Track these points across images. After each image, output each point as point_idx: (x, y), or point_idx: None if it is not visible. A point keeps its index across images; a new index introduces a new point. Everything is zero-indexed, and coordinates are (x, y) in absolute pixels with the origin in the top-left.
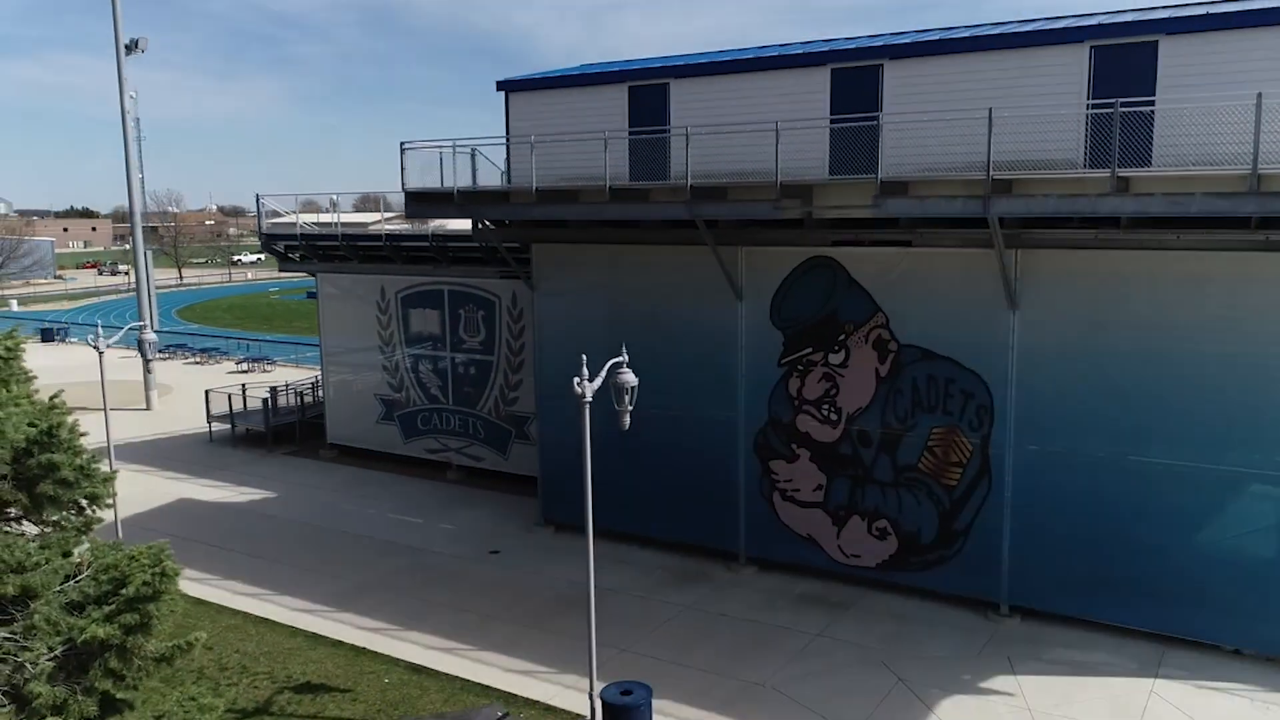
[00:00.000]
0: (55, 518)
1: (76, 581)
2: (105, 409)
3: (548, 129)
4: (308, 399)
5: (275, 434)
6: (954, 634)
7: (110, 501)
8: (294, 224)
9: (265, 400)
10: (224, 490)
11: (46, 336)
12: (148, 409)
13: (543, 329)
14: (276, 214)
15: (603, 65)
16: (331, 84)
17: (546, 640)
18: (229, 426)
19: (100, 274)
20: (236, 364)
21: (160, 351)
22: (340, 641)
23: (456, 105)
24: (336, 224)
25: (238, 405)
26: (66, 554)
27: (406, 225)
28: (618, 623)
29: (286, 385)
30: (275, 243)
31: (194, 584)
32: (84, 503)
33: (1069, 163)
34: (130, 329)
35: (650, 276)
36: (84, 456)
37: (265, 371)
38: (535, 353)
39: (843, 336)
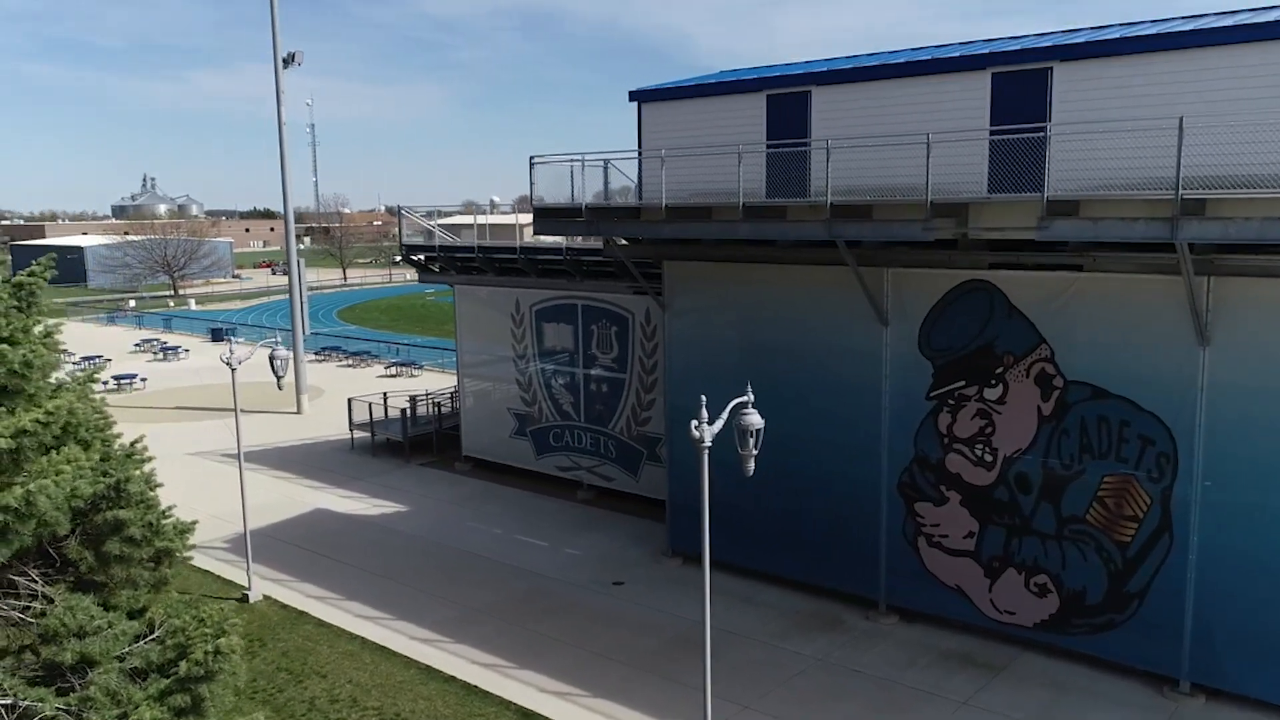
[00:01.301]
0: (124, 575)
1: (145, 642)
2: (237, 424)
3: (681, 141)
4: (445, 408)
5: (413, 444)
6: (1122, 711)
7: (188, 554)
8: (433, 234)
9: (403, 410)
10: (357, 502)
11: (215, 336)
12: (298, 412)
13: (672, 349)
14: (439, 214)
15: (740, 72)
16: (491, 87)
17: (664, 687)
18: (370, 434)
19: (273, 273)
20: (385, 368)
21: (315, 354)
22: (453, 677)
23: (610, 108)
24: (474, 230)
25: (378, 414)
26: (135, 613)
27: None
28: (740, 673)
29: (426, 394)
30: (415, 253)
31: (318, 603)
32: (156, 559)
33: (1275, 179)
34: (262, 345)
35: (787, 297)
36: (155, 512)
37: (412, 376)
38: (665, 374)
39: (1000, 369)
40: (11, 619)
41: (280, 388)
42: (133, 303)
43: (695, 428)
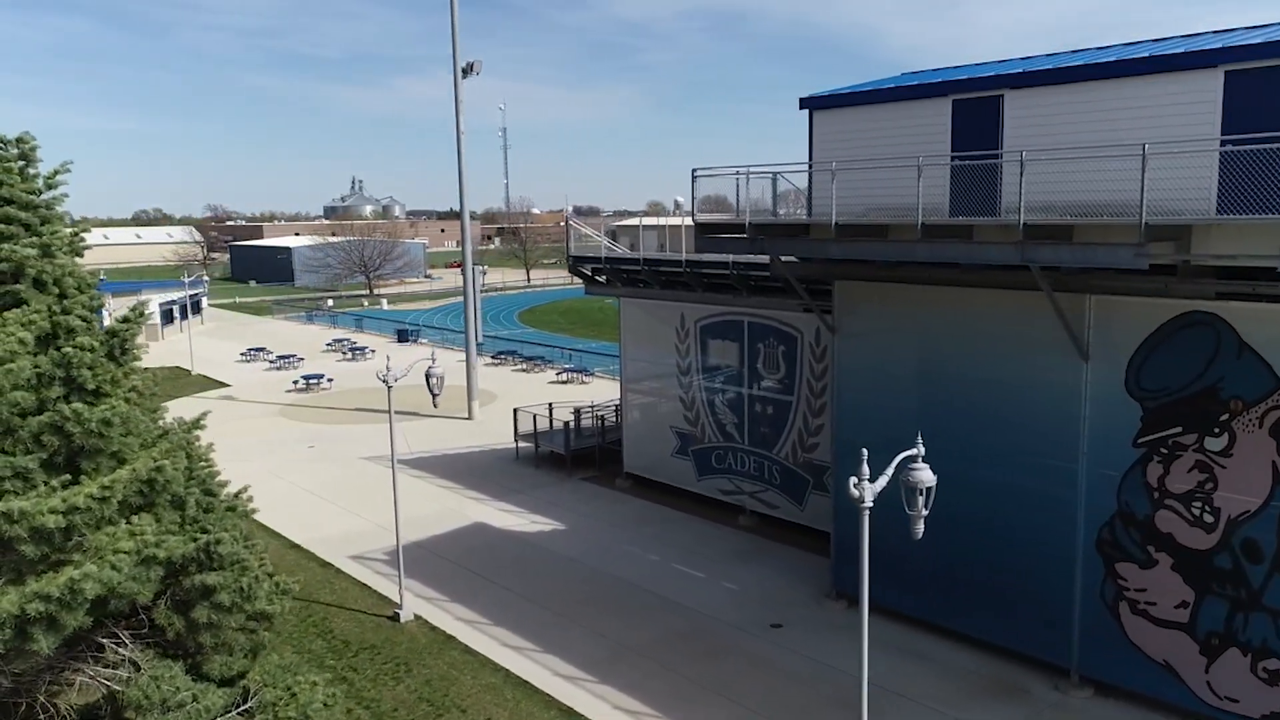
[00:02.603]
0: (215, 641)
1: (236, 714)
2: (392, 444)
3: (856, 151)
4: (610, 421)
5: (575, 458)
6: None
7: (283, 611)
8: (603, 243)
9: (566, 424)
10: (516, 516)
11: (401, 337)
12: (469, 418)
13: (841, 375)
14: (624, 214)
15: (923, 75)
16: (680, 88)
17: None
18: (534, 446)
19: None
20: (557, 374)
21: (492, 357)
22: None
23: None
24: (656, 231)
25: (542, 425)
26: (228, 680)
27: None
28: None
29: (591, 406)
30: (582, 264)
31: (467, 628)
32: (252, 622)
33: None
34: (414, 365)
35: (971, 323)
36: (250, 574)
37: (583, 383)
38: (833, 400)
39: (1226, 416)
40: (96, 685)
41: (435, 405)
42: (330, 302)
43: (855, 485)
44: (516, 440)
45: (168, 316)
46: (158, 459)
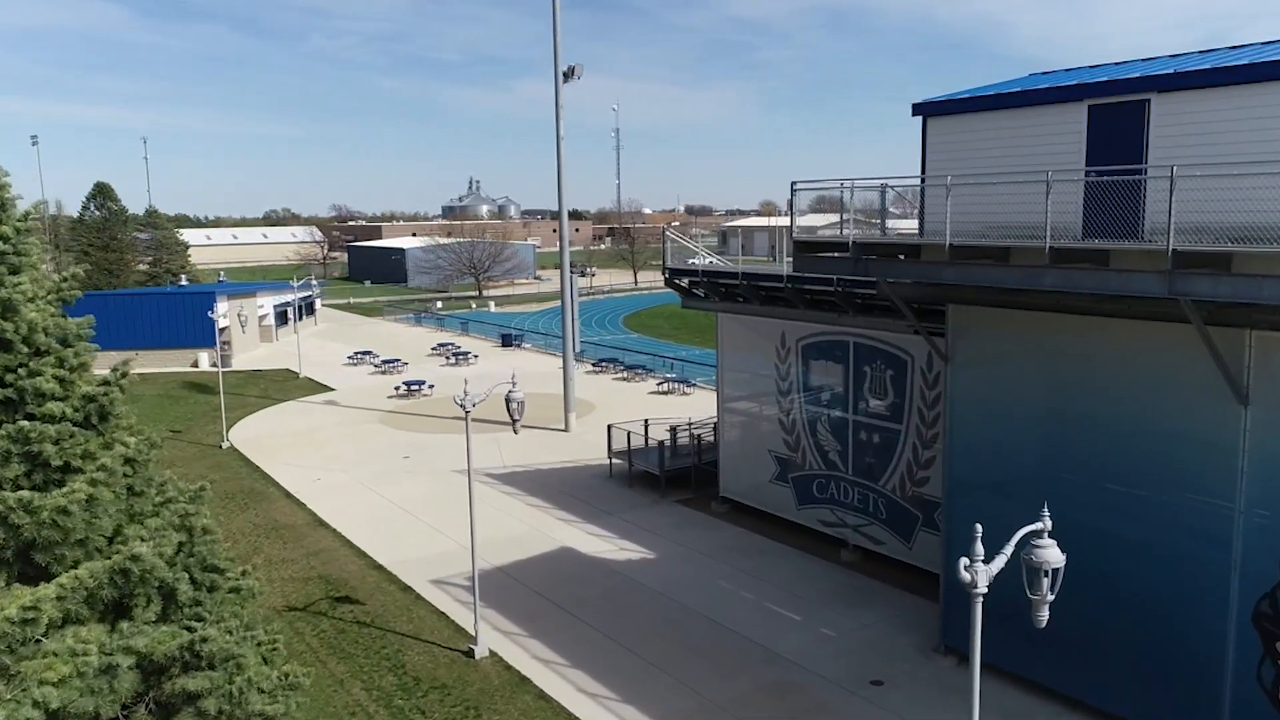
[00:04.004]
0: None
1: None
2: (469, 471)
3: (975, 163)
4: (707, 439)
5: (669, 478)
6: None
7: (289, 710)
8: (696, 256)
9: (661, 443)
10: (605, 541)
11: (505, 341)
12: (565, 430)
13: (955, 409)
14: (736, 213)
15: (1053, 77)
16: (795, 86)
17: None
18: (627, 464)
19: (572, 274)
20: (658, 384)
21: (593, 364)
22: None
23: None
24: (767, 233)
25: (637, 442)
26: None
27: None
28: None
29: (689, 423)
30: (678, 277)
31: (543, 669)
32: None
33: None
34: (496, 387)
35: (1105, 358)
36: (244, 674)
37: (684, 394)
38: (945, 435)
39: None
40: None
41: (516, 432)
42: (440, 304)
43: (965, 568)
44: (610, 458)
45: (282, 318)
46: (137, 545)
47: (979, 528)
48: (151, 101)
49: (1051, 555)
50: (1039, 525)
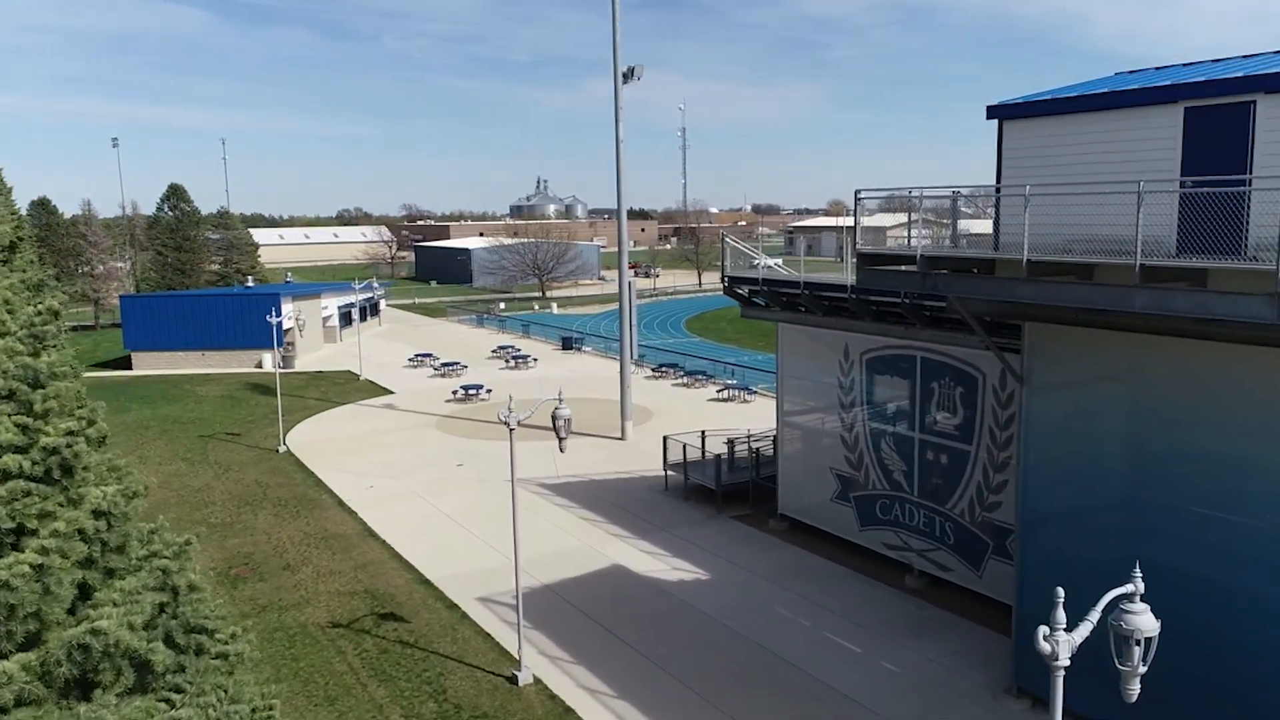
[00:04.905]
0: None
1: None
2: (513, 491)
3: (1055, 170)
4: (766, 452)
5: (726, 493)
6: None
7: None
8: (758, 258)
9: (718, 457)
10: (658, 560)
11: (565, 344)
12: (621, 438)
13: (1031, 435)
14: (804, 213)
15: (1143, 76)
16: (865, 84)
17: None
18: (683, 477)
19: (637, 274)
20: (718, 391)
21: (653, 369)
22: None
23: (995, 99)
24: (837, 234)
25: (693, 454)
26: None
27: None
28: None
29: (748, 435)
30: (738, 285)
31: (588, 699)
32: None
33: None
34: (543, 403)
35: (1202, 384)
36: None
37: (744, 402)
38: (1020, 462)
39: None
40: None
41: (562, 450)
42: (502, 305)
43: (1045, 638)
44: (666, 470)
45: (346, 319)
46: (102, 617)
47: (1060, 592)
48: (231, 103)
49: (1144, 623)
50: (1129, 588)
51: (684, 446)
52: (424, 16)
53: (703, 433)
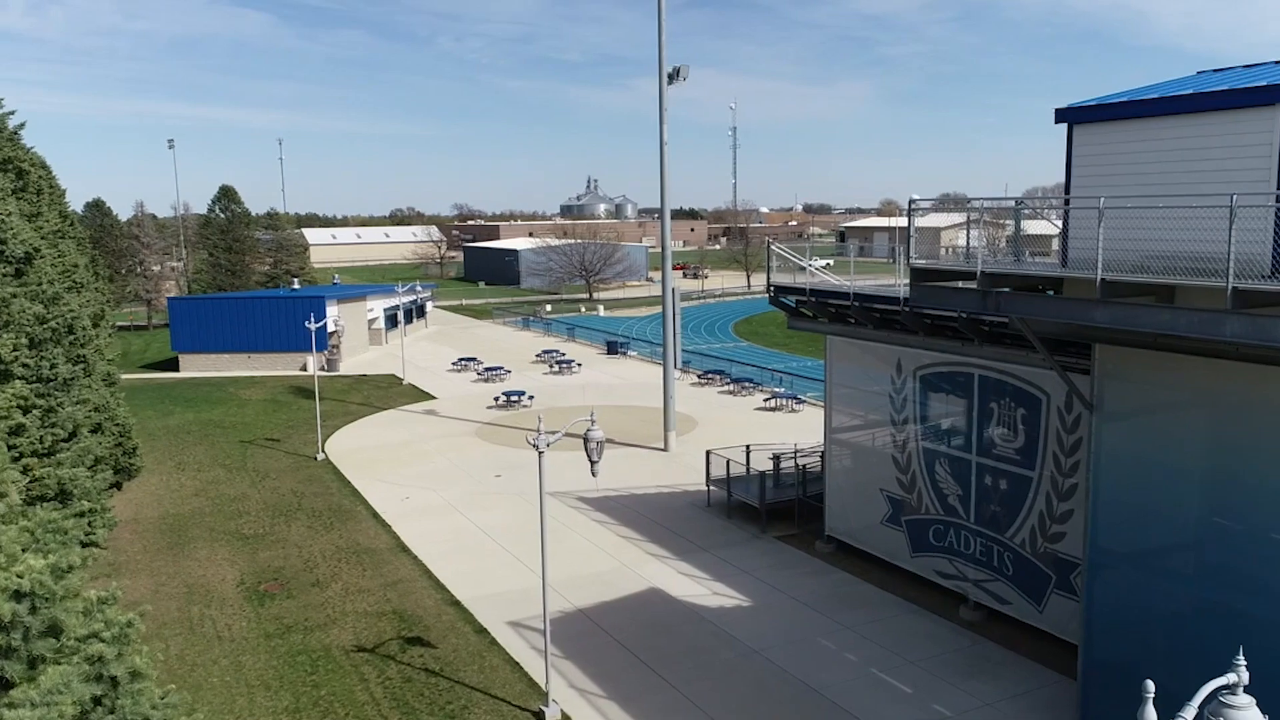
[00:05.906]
0: None
1: None
2: (542, 514)
3: (1131, 180)
4: (814, 467)
5: (771, 511)
6: None
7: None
8: (806, 264)
9: (762, 474)
10: (697, 584)
11: (611, 349)
12: (664, 449)
13: (1101, 465)
14: (856, 213)
15: (1230, 76)
16: (922, 82)
17: None
18: (726, 493)
19: (684, 276)
20: (765, 399)
21: (699, 376)
22: None
23: (1057, 98)
24: (888, 234)
25: (737, 469)
26: None
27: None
28: None
29: (795, 450)
30: (784, 295)
31: None
32: None
33: None
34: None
35: None
36: None
37: (793, 411)
38: (1089, 495)
39: None
40: None
41: (594, 475)
42: (549, 307)
43: None
44: (708, 486)
45: (391, 321)
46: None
47: (1150, 685)
48: (288, 103)
49: (1244, 717)
50: (1231, 678)
51: (727, 462)
52: (477, 17)
53: (747, 448)
